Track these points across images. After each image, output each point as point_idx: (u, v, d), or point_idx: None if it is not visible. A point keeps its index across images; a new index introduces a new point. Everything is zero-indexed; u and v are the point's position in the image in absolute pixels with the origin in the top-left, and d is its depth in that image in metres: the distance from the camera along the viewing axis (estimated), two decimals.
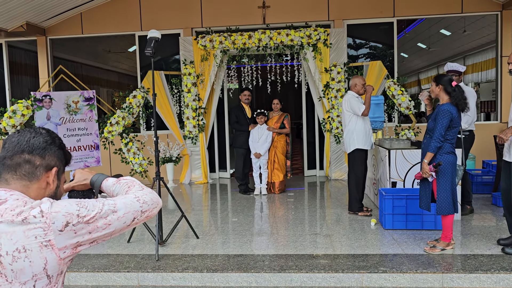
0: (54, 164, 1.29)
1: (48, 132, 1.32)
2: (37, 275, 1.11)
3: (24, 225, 1.11)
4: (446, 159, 3.74)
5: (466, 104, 3.75)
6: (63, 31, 8.71)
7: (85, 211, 1.18)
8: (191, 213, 5.69)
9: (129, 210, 1.25)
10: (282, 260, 3.74)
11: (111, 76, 10.00)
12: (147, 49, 4.00)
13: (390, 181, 5.04)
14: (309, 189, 7.21)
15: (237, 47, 7.77)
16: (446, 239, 3.81)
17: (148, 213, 1.30)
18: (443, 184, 3.75)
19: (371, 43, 8.59)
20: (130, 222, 1.25)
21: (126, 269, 3.64)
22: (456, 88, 3.75)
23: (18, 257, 1.09)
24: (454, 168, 3.78)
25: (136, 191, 1.34)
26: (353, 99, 5.11)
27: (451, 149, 3.78)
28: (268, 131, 6.68)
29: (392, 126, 7.82)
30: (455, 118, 3.71)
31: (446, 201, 3.73)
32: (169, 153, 7.83)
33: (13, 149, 1.24)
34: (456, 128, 3.76)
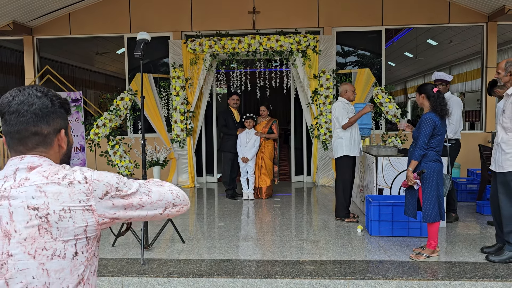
0: (60, 126, 1.31)
1: (43, 91, 1.27)
2: (78, 235, 1.19)
3: (70, 187, 1.19)
4: (430, 167, 3.77)
5: (445, 111, 3.79)
6: (51, 31, 8.61)
7: (123, 186, 1.26)
8: (177, 217, 5.64)
9: (162, 198, 1.31)
10: (269, 266, 3.72)
11: (99, 78, 9.91)
12: (136, 51, 3.96)
13: (377, 188, 5.07)
14: (296, 195, 7.21)
15: (227, 51, 7.77)
16: (431, 247, 3.84)
17: (179, 208, 1.36)
18: (429, 192, 3.78)
19: (360, 51, 8.67)
20: (162, 211, 1.31)
21: (110, 273, 3.58)
22: (436, 94, 3.80)
23: (64, 216, 1.17)
24: (440, 176, 3.81)
25: (170, 186, 1.39)
26: (340, 108, 5.14)
27: (436, 157, 3.81)
28: (256, 136, 6.67)
29: (379, 133, 7.88)
30: (438, 125, 3.75)
31: (432, 209, 3.76)
32: (156, 157, 7.76)
33: (17, 123, 1.23)
34: (440, 136, 3.80)
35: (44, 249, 1.16)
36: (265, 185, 6.79)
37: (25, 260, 1.15)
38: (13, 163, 1.24)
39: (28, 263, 1.15)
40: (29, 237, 1.15)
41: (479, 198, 6.01)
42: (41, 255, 1.15)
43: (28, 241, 1.15)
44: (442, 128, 3.80)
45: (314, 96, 7.78)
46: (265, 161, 6.77)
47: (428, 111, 3.84)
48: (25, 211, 1.16)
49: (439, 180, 3.80)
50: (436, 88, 3.85)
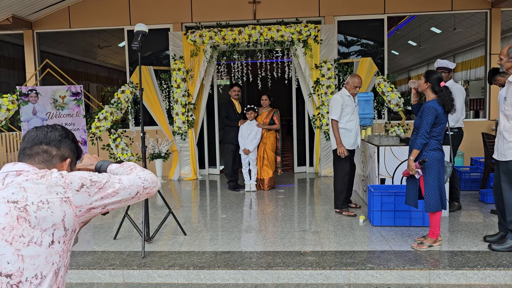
0: (68, 156, 1.49)
1: (63, 128, 1.52)
2: (56, 224, 1.27)
3: (47, 182, 1.29)
4: (432, 156, 3.74)
5: (452, 106, 3.74)
6: (51, 24, 8.57)
7: (96, 178, 1.37)
8: (180, 210, 5.65)
9: (133, 184, 1.43)
10: (270, 257, 3.72)
11: (101, 71, 9.89)
12: (134, 43, 3.94)
13: (379, 178, 5.04)
14: (299, 186, 7.20)
15: (227, 42, 7.72)
16: (433, 236, 3.82)
17: (149, 190, 1.48)
18: (430, 181, 3.74)
19: (362, 40, 8.58)
20: (134, 195, 1.44)
21: (111, 266, 3.59)
22: (444, 89, 3.75)
23: (42, 207, 1.26)
24: (441, 164, 3.77)
25: (138, 172, 1.53)
26: (336, 100, 5.01)
27: (437, 146, 3.77)
28: (257, 127, 6.64)
29: (381, 123, 7.83)
30: (440, 114, 3.71)
31: (433, 198, 3.73)
32: (158, 149, 7.76)
33: (33, 141, 1.43)
34: (442, 124, 3.75)
35: (22, 236, 1.22)
36: (267, 177, 6.77)
37: (1, 246, 1.21)
38: (6, 169, 1.36)
39: (5, 249, 1.21)
40: (8, 226, 1.22)
41: (482, 186, 5.97)
42: (18, 241, 1.22)
43: (6, 230, 1.22)
44: (444, 117, 3.75)
45: (315, 86, 7.72)
46: (267, 152, 6.75)
47: (430, 99, 3.79)
48: (5, 205, 1.25)
49: (440, 169, 3.76)
50: (443, 82, 3.79)
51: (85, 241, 4.34)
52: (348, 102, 5.05)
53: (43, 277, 1.25)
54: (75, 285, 3.54)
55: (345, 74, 7.81)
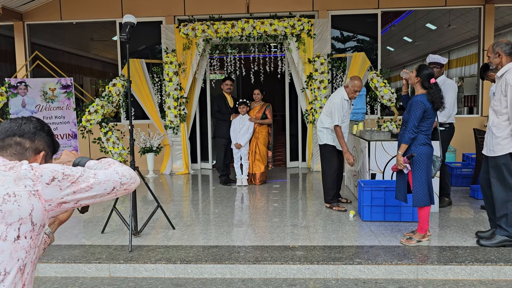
0: (42, 149, 1.44)
1: (38, 120, 1.47)
2: (23, 218, 1.22)
3: (15, 174, 1.23)
4: (420, 151, 3.72)
5: (441, 104, 3.72)
6: (41, 16, 8.47)
7: (69, 171, 1.29)
8: (170, 204, 5.61)
9: (109, 179, 1.35)
10: (258, 252, 3.69)
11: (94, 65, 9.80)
12: (121, 35, 3.88)
13: (370, 173, 5.02)
14: (291, 181, 7.18)
15: (220, 36, 7.66)
16: (422, 231, 3.81)
17: (126, 186, 1.40)
18: (418, 175, 3.73)
19: (356, 35, 8.53)
20: (110, 190, 1.35)
21: (97, 260, 3.55)
22: (434, 86, 3.72)
23: (8, 200, 1.20)
24: (430, 159, 3.76)
25: (116, 167, 1.44)
26: (338, 106, 4.83)
27: (426, 141, 3.76)
28: (249, 121, 6.60)
29: (374, 118, 7.82)
30: (428, 109, 3.69)
31: (422, 193, 3.72)
32: (149, 143, 7.71)
33: (5, 133, 1.39)
34: (430, 119, 3.73)
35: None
36: (259, 171, 6.74)
37: None
38: None
39: None
40: None
41: (473, 182, 5.98)
42: None
43: None
44: (433, 111, 3.73)
45: (308, 81, 7.69)
46: (259, 147, 6.71)
47: (419, 94, 3.77)
48: None
49: (429, 164, 3.75)
50: (433, 79, 3.76)
51: (72, 234, 4.30)
52: (346, 107, 4.99)
53: (6, 274, 1.20)
54: (61, 279, 3.51)
55: (338, 69, 7.78)
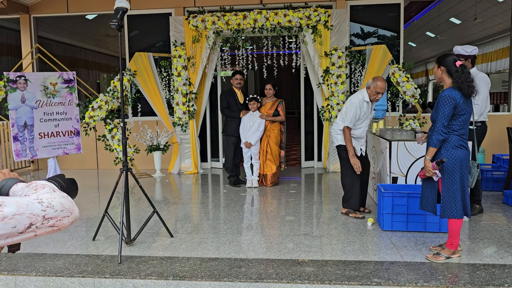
0: None
1: None
2: None
3: None
4: (452, 155, 3.20)
5: (471, 88, 3.14)
6: (47, 9, 8.19)
7: None
8: (173, 207, 5.22)
9: (23, 211, 0.96)
10: (262, 267, 3.25)
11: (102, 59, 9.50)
12: (112, 21, 3.47)
13: (391, 176, 4.52)
14: (305, 182, 6.71)
15: (231, 28, 7.22)
16: (451, 247, 3.30)
17: (54, 221, 1.01)
18: (449, 184, 3.22)
19: (376, 29, 7.96)
20: (24, 229, 0.96)
21: (81, 274, 3.16)
22: (460, 68, 3.18)
23: None
24: (465, 165, 3.23)
25: (43, 193, 1.05)
26: (355, 107, 4.35)
27: (460, 143, 3.22)
28: (260, 119, 6.15)
29: (396, 115, 7.27)
30: (459, 104, 3.14)
31: (451, 203, 3.20)
32: (156, 141, 7.34)
33: None
34: (463, 116, 3.18)
35: None
36: (271, 172, 6.29)
37: None
38: None
39: None
40: None
41: (506, 187, 5.41)
42: None
43: None
44: (466, 107, 3.18)
45: (325, 75, 7.19)
46: (271, 146, 6.26)
47: (447, 87, 3.25)
48: None
49: (463, 170, 3.22)
50: (459, 61, 3.24)
51: (61, 241, 3.94)
52: (365, 109, 4.45)
53: None
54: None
55: (357, 63, 7.26)
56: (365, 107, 4.42)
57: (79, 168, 8.27)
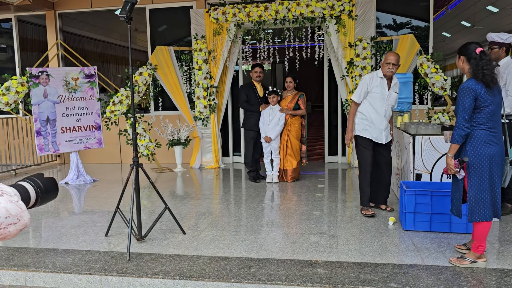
0: None
1: None
2: None
3: None
4: (480, 152, 2.93)
5: (487, 76, 2.86)
6: (72, 4, 8.27)
7: None
8: (188, 202, 5.15)
9: None
10: (272, 267, 3.12)
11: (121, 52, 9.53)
12: (121, 13, 3.40)
13: (414, 173, 4.28)
14: (328, 177, 6.50)
15: (252, 20, 7.07)
16: (477, 251, 3.05)
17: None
18: (476, 183, 2.95)
19: (404, 18, 7.60)
20: None
21: (89, 271, 3.12)
22: (479, 55, 2.92)
23: None
24: (495, 162, 2.94)
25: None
26: (364, 81, 4.24)
27: (489, 138, 2.93)
28: (280, 112, 5.99)
29: (423, 109, 6.94)
30: (481, 94, 2.87)
31: (479, 204, 2.95)
32: (177, 135, 7.30)
33: None
34: (488, 107, 2.90)
35: None
36: (291, 167, 6.13)
37: None
38: None
39: None
40: None
41: None
42: None
43: None
44: (491, 97, 2.89)
45: (349, 67, 6.94)
46: (291, 140, 6.10)
47: (468, 78, 3.01)
48: None
49: (493, 168, 2.94)
50: (480, 48, 2.98)
51: (74, 236, 3.93)
52: (377, 84, 4.22)
53: None
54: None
55: (382, 54, 6.96)
56: (378, 82, 4.23)
57: (102, 162, 8.36)
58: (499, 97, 2.98)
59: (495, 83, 2.91)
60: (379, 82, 4.23)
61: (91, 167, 7.82)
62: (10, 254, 3.50)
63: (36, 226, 4.32)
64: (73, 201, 5.44)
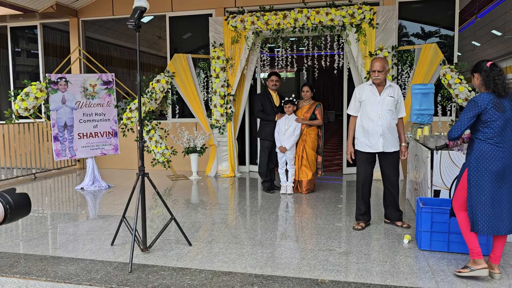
0: None
1: None
2: None
3: None
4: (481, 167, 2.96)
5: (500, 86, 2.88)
6: (95, 12, 8.41)
7: None
8: (199, 212, 5.07)
9: None
10: (276, 286, 2.99)
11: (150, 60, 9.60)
12: (129, 21, 3.37)
13: (432, 189, 4.07)
14: (346, 190, 6.32)
15: (271, 28, 6.99)
16: (472, 255, 3.05)
17: None
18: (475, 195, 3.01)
19: (428, 27, 7.37)
20: None
21: (89, 282, 3.07)
22: (489, 67, 2.96)
23: None
24: (501, 178, 2.92)
25: None
26: (354, 92, 4.31)
27: (495, 153, 2.92)
28: (296, 122, 5.87)
29: (447, 120, 6.68)
30: (487, 110, 2.89)
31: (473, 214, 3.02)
32: (193, 143, 7.26)
33: None
34: (496, 122, 2.89)
35: None
36: (306, 179, 5.99)
37: None
38: None
39: None
40: None
41: None
42: None
43: None
44: (500, 112, 2.88)
45: (369, 77, 6.75)
46: (307, 151, 5.96)
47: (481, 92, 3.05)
48: None
49: (498, 184, 2.94)
50: (491, 61, 3.00)
51: (80, 244, 3.90)
52: (367, 92, 4.18)
53: None
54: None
55: (404, 63, 6.76)
56: (368, 90, 4.19)
57: (119, 168, 8.40)
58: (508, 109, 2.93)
59: (507, 92, 2.90)
60: (369, 90, 4.22)
61: (108, 173, 7.87)
62: (14, 261, 3.50)
63: (45, 232, 4.32)
64: (85, 207, 5.44)
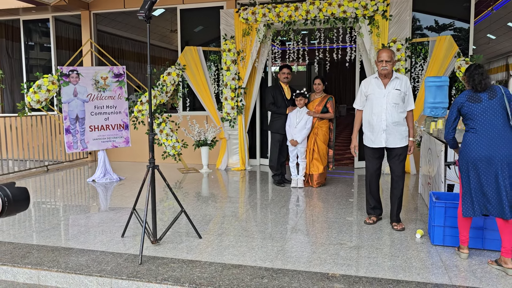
0: None
1: None
2: None
3: None
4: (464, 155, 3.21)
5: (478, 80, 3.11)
6: (106, 5, 8.41)
7: None
8: (209, 205, 5.07)
9: None
10: (286, 279, 2.97)
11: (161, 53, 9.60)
12: (140, 12, 3.35)
13: (445, 184, 4.00)
14: (357, 184, 6.27)
15: (282, 20, 6.93)
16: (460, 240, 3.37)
17: None
18: (463, 180, 3.26)
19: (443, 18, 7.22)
20: None
21: (100, 273, 3.08)
22: (473, 66, 3.20)
23: None
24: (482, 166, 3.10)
25: None
26: (361, 86, 4.20)
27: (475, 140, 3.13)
28: (308, 115, 5.82)
29: None
30: (463, 104, 3.17)
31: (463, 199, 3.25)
32: (204, 136, 7.26)
33: None
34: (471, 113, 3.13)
35: None
36: (317, 172, 5.94)
37: None
38: None
39: None
40: None
41: None
42: None
43: None
44: (476, 103, 3.11)
45: None
46: (318, 144, 5.91)
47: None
48: None
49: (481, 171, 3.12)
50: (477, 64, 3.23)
51: (91, 236, 3.92)
52: (372, 85, 4.05)
53: None
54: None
55: (418, 56, 6.65)
56: (373, 83, 4.06)
57: (130, 160, 8.44)
58: (491, 101, 3.09)
59: (483, 87, 3.11)
60: (374, 83, 4.09)
61: (119, 165, 7.91)
62: (27, 252, 3.53)
63: (57, 224, 4.36)
64: (96, 199, 5.47)
